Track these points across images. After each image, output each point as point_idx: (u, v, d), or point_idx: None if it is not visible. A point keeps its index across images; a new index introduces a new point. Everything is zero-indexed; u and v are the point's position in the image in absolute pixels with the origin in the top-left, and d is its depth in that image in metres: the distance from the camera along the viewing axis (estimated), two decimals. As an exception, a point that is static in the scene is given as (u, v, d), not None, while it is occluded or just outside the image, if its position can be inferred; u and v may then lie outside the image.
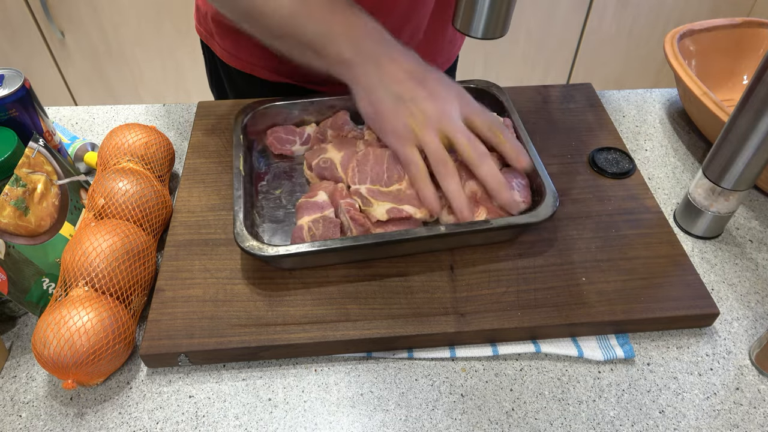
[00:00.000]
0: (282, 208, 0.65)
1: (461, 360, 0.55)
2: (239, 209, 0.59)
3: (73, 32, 1.64)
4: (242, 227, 0.57)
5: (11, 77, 0.64)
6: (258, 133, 0.72)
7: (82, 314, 0.50)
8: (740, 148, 0.57)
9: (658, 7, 1.74)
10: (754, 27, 0.83)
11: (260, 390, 0.53)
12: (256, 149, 0.71)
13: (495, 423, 0.51)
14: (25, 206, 0.56)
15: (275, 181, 0.68)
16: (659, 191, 0.71)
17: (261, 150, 0.72)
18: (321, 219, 0.60)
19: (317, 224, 0.59)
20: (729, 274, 0.63)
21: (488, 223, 0.58)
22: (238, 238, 0.56)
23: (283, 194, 0.67)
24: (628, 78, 1.92)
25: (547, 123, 0.77)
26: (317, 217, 0.60)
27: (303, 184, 0.68)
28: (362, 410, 0.52)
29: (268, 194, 0.67)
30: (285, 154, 0.71)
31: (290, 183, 0.68)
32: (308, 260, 0.59)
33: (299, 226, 0.60)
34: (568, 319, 0.55)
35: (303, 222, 0.60)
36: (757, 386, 0.54)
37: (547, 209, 0.59)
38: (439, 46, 0.84)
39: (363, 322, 0.55)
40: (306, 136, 0.71)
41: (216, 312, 0.56)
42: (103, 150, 0.65)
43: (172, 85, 1.80)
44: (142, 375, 0.54)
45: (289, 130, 0.71)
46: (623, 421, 0.51)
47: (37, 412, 0.52)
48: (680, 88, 0.78)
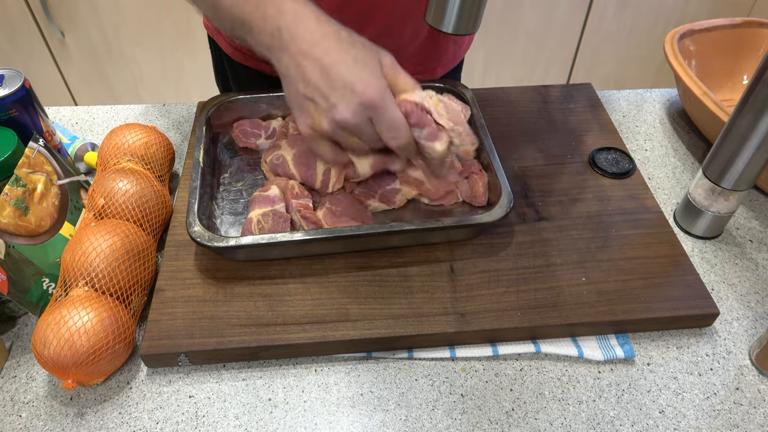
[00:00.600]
0: (242, 201, 0.66)
1: (461, 360, 0.55)
2: (194, 200, 0.59)
3: (73, 32, 1.64)
4: (195, 217, 0.57)
5: (11, 77, 0.64)
6: (224, 126, 0.72)
7: (82, 314, 0.50)
8: (740, 148, 0.57)
9: (658, 7, 1.74)
10: (754, 27, 0.83)
11: (260, 390, 0.53)
12: (221, 141, 0.72)
13: (495, 423, 0.51)
14: (25, 206, 0.56)
15: (238, 174, 0.69)
16: (659, 191, 0.71)
17: (227, 143, 0.72)
18: (271, 213, 0.60)
19: (267, 218, 0.60)
20: (729, 274, 0.63)
21: (439, 222, 0.58)
22: (189, 227, 0.57)
23: (244, 187, 0.68)
24: (628, 78, 1.92)
25: (547, 123, 0.77)
26: (267, 210, 0.61)
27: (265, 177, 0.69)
28: (362, 410, 0.52)
29: (229, 186, 0.68)
30: (250, 148, 0.71)
31: (252, 176, 0.69)
32: (257, 253, 0.59)
33: (249, 219, 0.61)
34: (568, 319, 0.55)
35: (253, 215, 0.61)
36: (757, 386, 0.54)
37: (501, 210, 0.59)
38: (444, 46, 0.84)
39: (363, 322, 0.55)
40: (271, 130, 0.72)
41: (216, 312, 0.56)
42: (103, 150, 0.65)
43: (172, 85, 1.80)
44: (142, 375, 0.54)
45: (254, 123, 0.72)
46: (623, 421, 0.51)
47: (37, 412, 0.52)
48: (680, 88, 0.78)
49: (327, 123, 0.55)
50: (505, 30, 1.73)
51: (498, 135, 0.74)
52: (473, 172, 0.65)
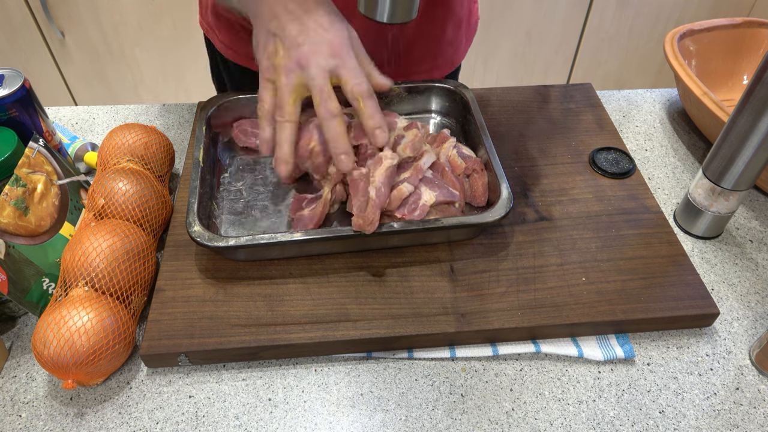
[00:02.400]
0: (242, 201, 0.66)
1: (461, 360, 0.55)
2: (194, 200, 0.59)
3: (73, 32, 1.64)
4: (195, 217, 0.57)
5: (11, 77, 0.64)
6: (224, 126, 0.72)
7: (82, 314, 0.50)
8: (740, 148, 0.57)
9: (658, 7, 1.74)
10: (754, 27, 0.83)
11: (260, 390, 0.53)
12: (221, 141, 0.72)
13: (495, 423, 0.51)
14: (25, 206, 0.56)
15: (238, 174, 0.69)
16: (659, 191, 0.71)
17: (227, 142, 0.72)
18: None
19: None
20: (729, 274, 0.63)
21: (439, 222, 0.58)
22: (189, 227, 0.57)
23: (244, 187, 0.67)
24: (628, 78, 1.92)
25: (547, 123, 0.77)
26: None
27: (266, 177, 0.69)
28: (362, 410, 0.52)
29: (229, 186, 0.68)
30: (250, 147, 0.71)
31: (252, 176, 0.69)
32: (257, 253, 0.59)
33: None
34: (568, 319, 0.55)
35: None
36: (757, 386, 0.54)
37: (501, 210, 0.59)
38: (438, 48, 0.84)
39: (363, 322, 0.55)
40: None
41: (216, 312, 0.56)
42: (103, 150, 0.65)
43: (172, 85, 1.80)
44: (142, 375, 0.54)
45: (255, 123, 0.71)
46: (623, 421, 0.51)
47: (37, 412, 0.52)
48: (680, 88, 0.78)
49: (287, 58, 0.56)
50: (505, 30, 1.73)
51: (498, 135, 0.74)
52: (474, 171, 0.65)
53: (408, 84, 0.74)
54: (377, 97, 0.58)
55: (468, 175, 0.65)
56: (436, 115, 0.76)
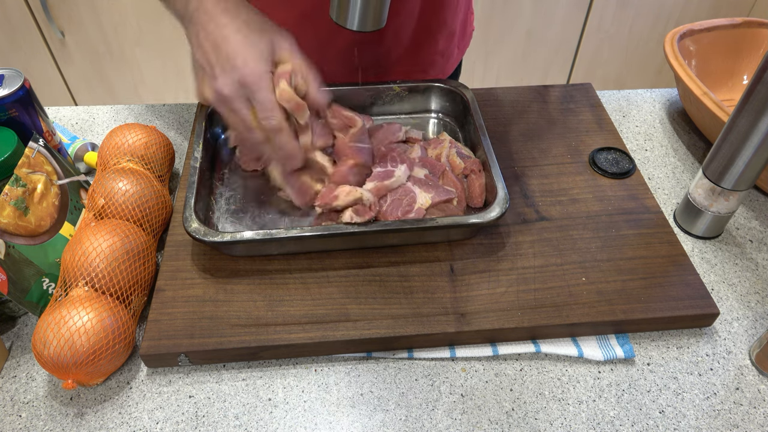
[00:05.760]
0: (240, 198, 0.66)
1: (461, 360, 0.55)
2: (191, 195, 0.59)
3: (73, 32, 1.64)
4: (191, 212, 0.58)
5: (11, 77, 0.63)
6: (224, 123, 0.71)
7: (82, 314, 0.50)
8: (740, 148, 0.57)
9: (658, 7, 1.74)
10: (754, 27, 0.83)
11: (260, 390, 0.53)
12: (221, 139, 0.72)
13: (495, 423, 0.51)
14: (25, 206, 0.56)
15: (237, 171, 0.69)
16: (659, 191, 0.71)
17: (226, 140, 0.72)
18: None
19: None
20: (729, 274, 0.63)
21: (434, 221, 0.58)
22: (185, 222, 0.57)
23: (243, 184, 0.68)
24: (628, 78, 1.92)
25: (547, 123, 0.77)
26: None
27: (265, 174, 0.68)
28: (362, 410, 0.52)
29: (228, 183, 0.68)
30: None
31: (251, 173, 0.69)
32: (254, 248, 0.59)
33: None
34: (568, 319, 0.55)
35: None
36: (757, 386, 0.54)
37: (497, 210, 0.59)
38: (430, 59, 0.84)
39: (363, 322, 0.55)
40: None
41: (216, 312, 0.56)
42: (103, 150, 0.65)
43: (172, 85, 1.80)
44: (142, 375, 0.54)
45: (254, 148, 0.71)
46: (623, 421, 0.51)
47: (37, 412, 0.52)
48: (680, 88, 0.78)
49: (209, 92, 0.58)
50: (505, 30, 1.73)
51: (498, 135, 0.74)
52: (472, 172, 0.65)
53: (408, 84, 0.74)
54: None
55: (466, 176, 0.65)
56: (436, 115, 0.76)
